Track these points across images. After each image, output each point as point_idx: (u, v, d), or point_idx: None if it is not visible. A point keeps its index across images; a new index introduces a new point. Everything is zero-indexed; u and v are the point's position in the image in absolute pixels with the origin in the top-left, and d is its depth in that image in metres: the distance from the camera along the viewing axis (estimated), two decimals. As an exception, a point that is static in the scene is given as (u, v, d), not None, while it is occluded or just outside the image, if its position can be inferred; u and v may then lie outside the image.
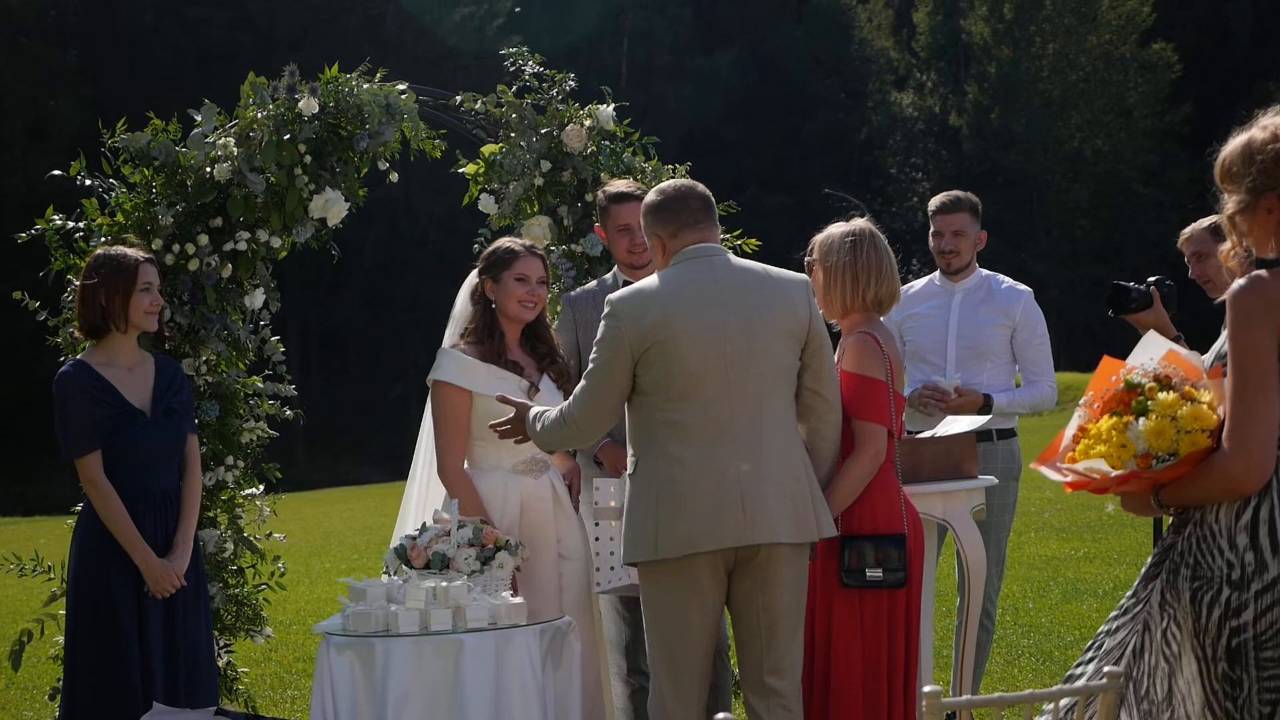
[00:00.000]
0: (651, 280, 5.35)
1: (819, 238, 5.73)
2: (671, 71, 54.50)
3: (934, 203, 7.38)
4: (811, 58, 56.96)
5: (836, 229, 5.72)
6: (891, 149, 57.47)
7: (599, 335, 5.28)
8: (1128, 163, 53.27)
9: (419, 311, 44.20)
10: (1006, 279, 7.43)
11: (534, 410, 5.55)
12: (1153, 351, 4.25)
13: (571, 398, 5.39)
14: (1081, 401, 4.32)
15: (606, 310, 5.29)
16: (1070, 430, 4.29)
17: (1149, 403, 4.08)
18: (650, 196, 5.46)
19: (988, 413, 6.94)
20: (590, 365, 5.31)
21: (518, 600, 5.56)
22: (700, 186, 5.48)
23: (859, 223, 5.74)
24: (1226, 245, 4.21)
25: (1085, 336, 49.03)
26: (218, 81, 12.95)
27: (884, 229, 7.26)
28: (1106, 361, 4.37)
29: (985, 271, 7.43)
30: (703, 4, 56.76)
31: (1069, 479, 4.32)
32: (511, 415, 5.64)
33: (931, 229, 7.32)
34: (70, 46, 44.74)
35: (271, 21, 46.14)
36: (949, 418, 6.66)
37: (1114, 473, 4.08)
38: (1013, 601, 10.72)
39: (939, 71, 57.50)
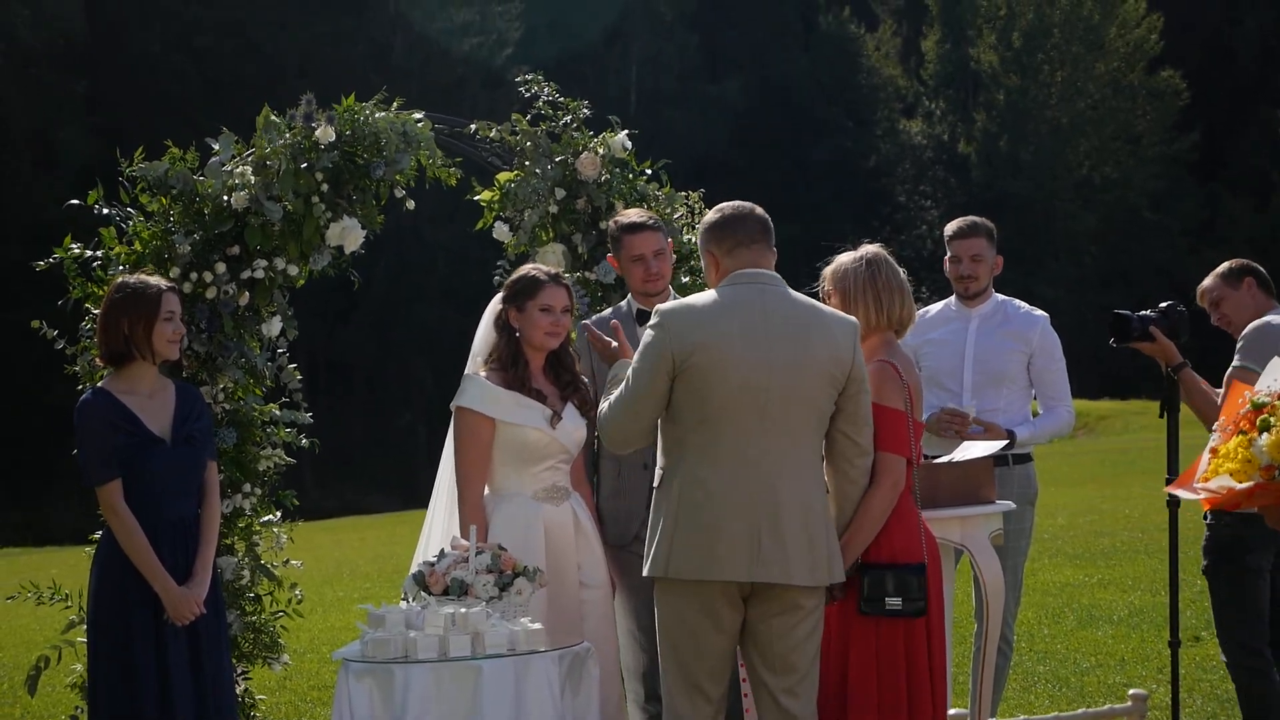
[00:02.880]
0: (703, 297, 5.35)
1: (829, 268, 5.73)
2: (679, 98, 54.57)
3: (950, 228, 7.40)
4: (819, 85, 57.03)
5: (846, 256, 5.73)
6: (900, 177, 57.48)
7: (642, 343, 5.27)
8: (1136, 189, 53.28)
9: (427, 339, 44.23)
10: (1023, 304, 7.44)
11: (615, 370, 5.56)
12: (1278, 373, 4.42)
13: (608, 402, 5.36)
14: (1215, 426, 4.59)
15: (654, 320, 5.27)
16: (1205, 454, 4.54)
17: (1271, 419, 4.24)
18: (709, 215, 5.51)
19: (1011, 448, 6.94)
20: (630, 373, 5.29)
21: (536, 626, 5.56)
22: (759, 210, 5.49)
23: (869, 247, 5.76)
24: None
25: (1093, 362, 49.06)
26: (225, 110, 12.98)
27: (893, 257, 7.32)
28: (1237, 386, 4.65)
29: (1002, 296, 7.44)
30: (710, 31, 56.87)
31: (1203, 497, 4.59)
32: (615, 346, 5.71)
33: (948, 254, 7.33)
34: (77, 76, 44.82)
35: (278, 50, 46.25)
36: (966, 442, 6.66)
37: (1239, 486, 4.26)
38: (1028, 628, 10.69)
39: (947, 99, 57.54)
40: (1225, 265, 6.95)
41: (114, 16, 45.73)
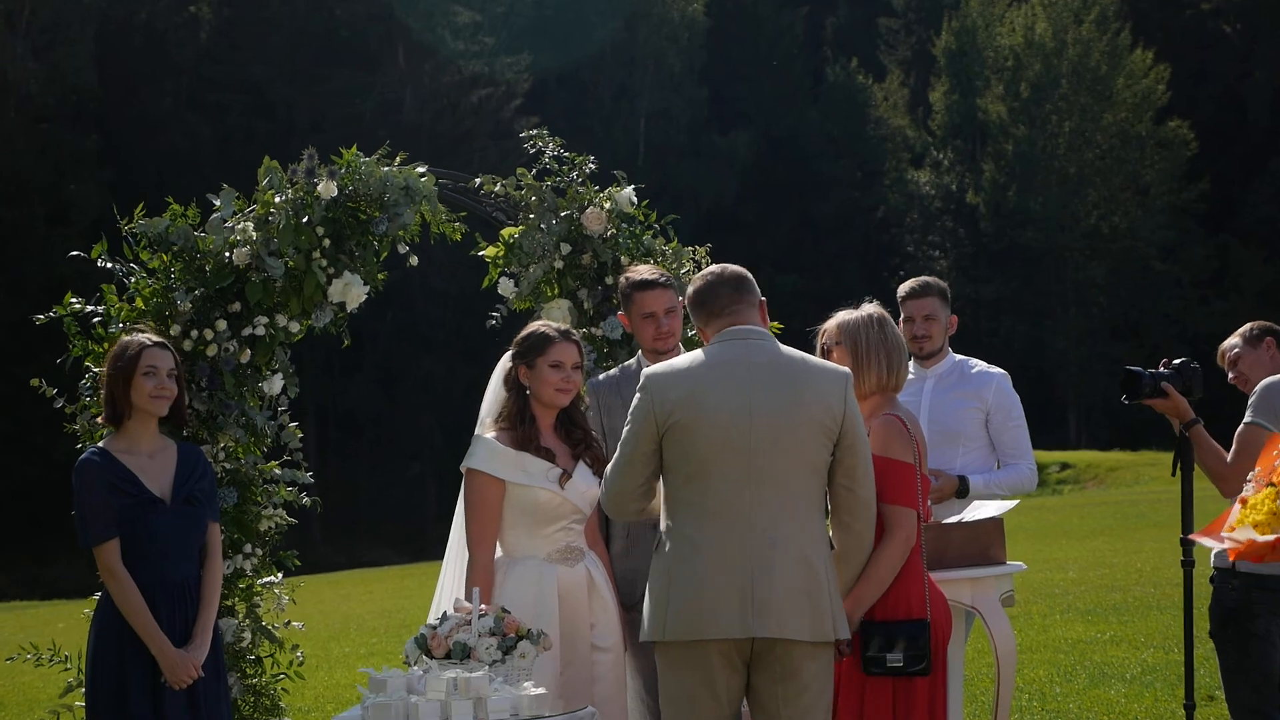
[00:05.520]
0: (688, 357, 5.36)
1: (834, 323, 5.69)
2: (687, 151, 54.75)
3: (903, 289, 7.35)
4: (827, 137, 57.20)
5: (853, 313, 5.68)
6: (908, 227, 57.57)
7: (631, 407, 5.29)
8: (1145, 239, 53.30)
9: (435, 391, 44.24)
10: (980, 362, 7.40)
11: None
12: None
13: (605, 479, 5.41)
14: (1249, 477, 4.64)
15: (640, 383, 5.30)
16: (1235, 505, 4.61)
17: None
18: (692, 283, 5.51)
19: (964, 494, 6.89)
20: (621, 437, 5.30)
21: (540, 691, 5.46)
22: (730, 270, 5.47)
23: (873, 306, 5.72)
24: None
25: (1104, 415, 48.93)
26: (236, 166, 12.99)
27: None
28: (1273, 439, 4.71)
29: (958, 356, 7.40)
30: (718, 84, 57.08)
31: (1228, 546, 4.67)
32: None
33: (902, 315, 7.26)
34: (89, 131, 45.04)
35: (290, 107, 46.49)
36: (976, 502, 6.60)
37: (1260, 539, 4.26)
38: (1039, 686, 10.57)
39: (955, 150, 57.66)
40: (1248, 326, 7.00)
41: (125, 72, 45.99)
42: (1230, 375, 6.92)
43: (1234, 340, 6.95)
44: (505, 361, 6.18)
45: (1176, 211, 53.59)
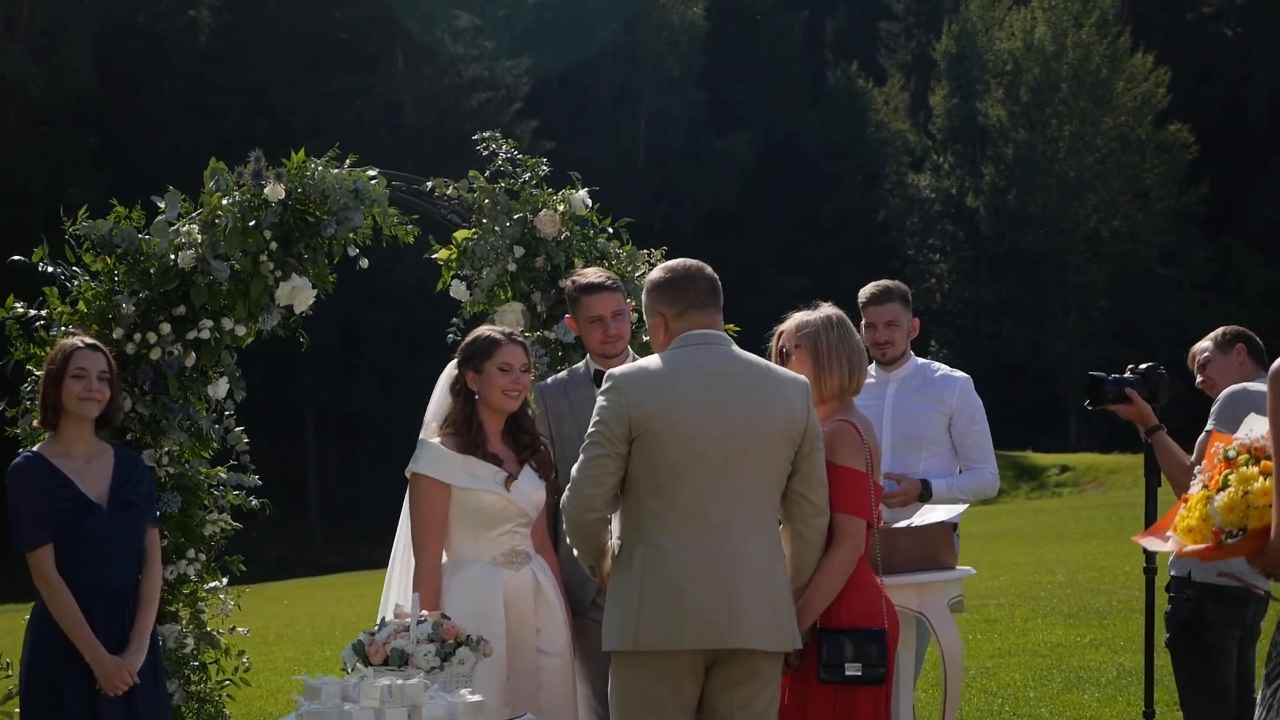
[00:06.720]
0: (655, 361, 5.23)
1: (791, 325, 5.60)
2: (688, 154, 54.69)
3: (864, 293, 7.28)
4: (828, 140, 57.15)
5: (812, 314, 5.60)
6: (909, 230, 57.50)
7: (598, 407, 5.13)
8: (1145, 243, 53.22)
9: (432, 390, 44.12)
10: (942, 366, 7.35)
11: None
12: (1255, 426, 4.23)
13: (571, 480, 5.16)
14: (1195, 472, 4.40)
15: (608, 384, 5.15)
16: (1180, 504, 4.36)
17: (1231, 475, 4.05)
18: (655, 273, 5.37)
19: (928, 498, 6.82)
20: (587, 439, 5.14)
21: (477, 698, 5.41)
22: (708, 269, 5.36)
23: (830, 308, 5.64)
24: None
25: (1103, 418, 48.79)
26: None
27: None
28: (1215, 435, 4.46)
29: (920, 360, 7.35)
30: (718, 87, 57.03)
31: (1170, 547, 4.37)
32: None
33: (864, 320, 7.20)
34: (88, 134, 45.02)
35: (290, 109, 46.41)
36: (925, 506, 6.54)
37: (1189, 547, 4.08)
38: (1013, 690, 10.51)
39: (956, 153, 57.60)
40: (1220, 330, 6.92)
41: (125, 74, 45.93)
42: (1199, 379, 6.86)
43: (1205, 344, 6.87)
44: (450, 369, 6.14)
45: (1177, 215, 53.51)
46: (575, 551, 5.31)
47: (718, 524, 5.07)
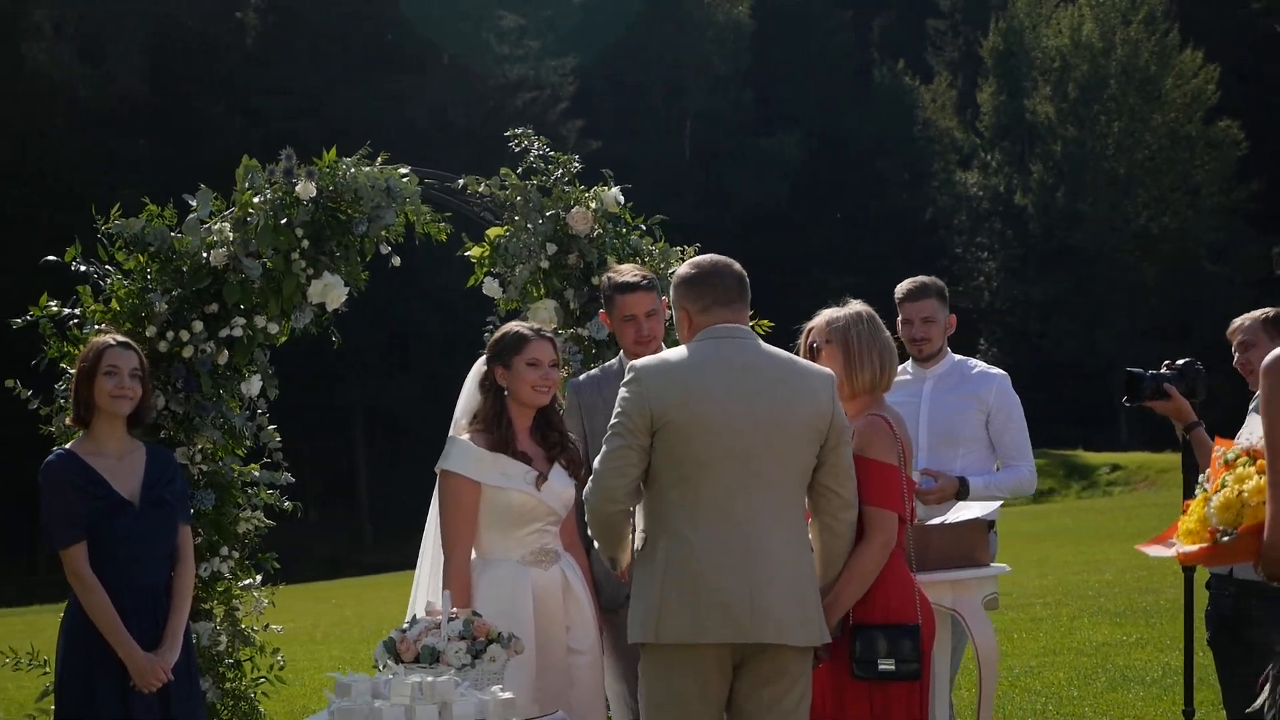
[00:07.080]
0: (679, 353, 5.19)
1: (822, 321, 5.58)
2: (734, 153, 54.61)
3: (900, 289, 7.21)
4: (875, 138, 56.98)
5: (842, 310, 5.58)
6: (957, 228, 57.27)
7: (620, 398, 5.11)
8: (1196, 240, 52.84)
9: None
10: (979, 363, 7.28)
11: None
12: (1256, 429, 4.18)
13: (593, 472, 5.15)
14: (1200, 478, 4.40)
15: (630, 376, 5.12)
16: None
17: (1228, 476, 4.01)
18: (683, 269, 5.33)
19: (965, 496, 6.74)
20: (610, 430, 5.11)
21: (508, 695, 5.39)
22: (736, 265, 5.31)
23: (860, 305, 5.60)
24: None
25: (1155, 416, 48.42)
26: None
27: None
28: (1218, 440, 4.46)
29: (957, 356, 7.28)
30: (765, 86, 56.94)
31: (1175, 553, 4.40)
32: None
33: (900, 317, 7.13)
34: (139, 137, 45.30)
35: (338, 110, 46.54)
36: (960, 503, 6.48)
37: (1185, 549, 4.05)
38: (1057, 689, 10.43)
39: (1003, 151, 57.33)
40: (1265, 311, 6.51)
41: (175, 78, 46.17)
42: (1236, 358, 6.50)
43: (1249, 323, 6.44)
44: (480, 365, 6.12)
45: (1228, 211, 53.08)
46: (595, 543, 5.29)
47: (742, 517, 5.04)
